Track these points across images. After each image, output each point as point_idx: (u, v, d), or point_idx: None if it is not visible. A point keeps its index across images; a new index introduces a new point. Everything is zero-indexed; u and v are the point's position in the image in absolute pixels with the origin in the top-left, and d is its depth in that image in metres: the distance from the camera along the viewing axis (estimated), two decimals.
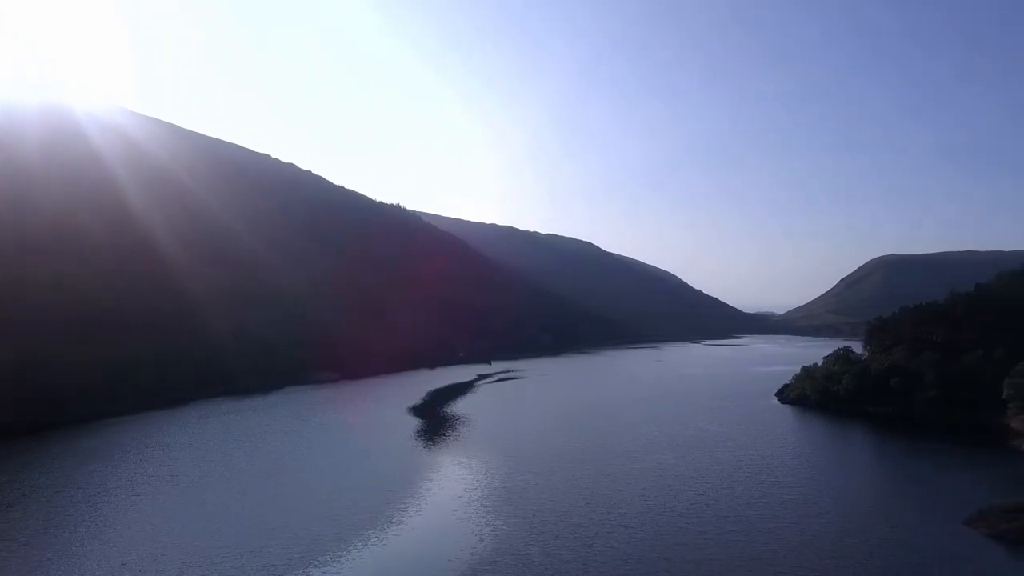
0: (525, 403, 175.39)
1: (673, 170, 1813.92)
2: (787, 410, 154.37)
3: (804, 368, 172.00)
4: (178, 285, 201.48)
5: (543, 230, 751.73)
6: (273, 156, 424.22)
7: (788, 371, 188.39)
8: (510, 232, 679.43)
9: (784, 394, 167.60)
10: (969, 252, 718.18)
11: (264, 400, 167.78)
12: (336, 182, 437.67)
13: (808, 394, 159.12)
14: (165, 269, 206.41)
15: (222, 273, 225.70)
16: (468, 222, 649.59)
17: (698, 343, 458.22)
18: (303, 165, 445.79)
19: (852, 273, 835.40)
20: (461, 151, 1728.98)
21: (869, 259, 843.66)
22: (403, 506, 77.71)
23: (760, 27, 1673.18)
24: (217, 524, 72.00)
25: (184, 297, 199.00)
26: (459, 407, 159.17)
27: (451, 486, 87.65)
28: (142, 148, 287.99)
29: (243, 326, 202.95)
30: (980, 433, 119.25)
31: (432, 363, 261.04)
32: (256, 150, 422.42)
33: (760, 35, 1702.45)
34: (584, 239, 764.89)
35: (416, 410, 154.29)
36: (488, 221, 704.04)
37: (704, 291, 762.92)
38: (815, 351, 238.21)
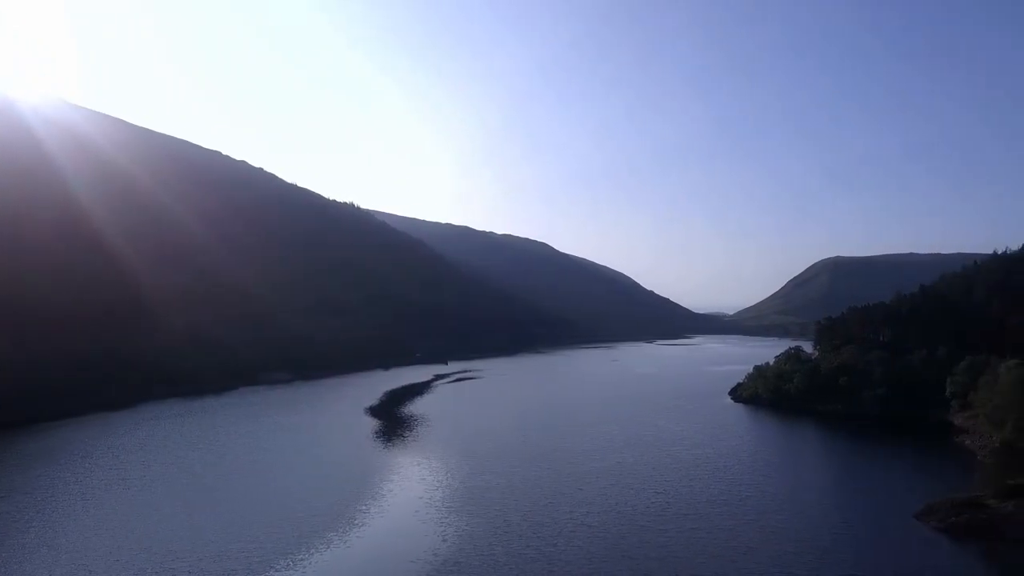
0: (483, 403, 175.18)
1: (626, 172, 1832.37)
2: (740, 408, 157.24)
3: (756, 367, 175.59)
4: (129, 283, 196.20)
5: (499, 230, 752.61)
6: (224, 153, 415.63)
7: (740, 370, 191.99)
8: (466, 232, 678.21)
9: (737, 393, 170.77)
10: (910, 255, 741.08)
11: (217, 401, 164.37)
12: (289, 180, 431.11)
13: (760, 393, 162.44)
14: (115, 267, 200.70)
15: (174, 271, 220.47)
16: (423, 221, 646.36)
17: (651, 343, 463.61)
18: (255, 163, 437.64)
19: (800, 275, 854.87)
20: (416, 151, 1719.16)
21: (816, 261, 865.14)
22: (364, 508, 76.94)
23: (718, 30, 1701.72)
24: (172, 528, 70.30)
25: (134, 295, 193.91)
26: (417, 407, 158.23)
27: (412, 487, 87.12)
28: (90, 143, 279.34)
29: (196, 325, 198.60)
30: (925, 429, 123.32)
31: (388, 363, 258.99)
32: (206, 147, 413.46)
33: (717, 38, 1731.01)
34: (539, 240, 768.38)
35: (373, 411, 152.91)
36: (444, 221, 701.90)
37: (656, 292, 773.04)
38: (765, 351, 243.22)
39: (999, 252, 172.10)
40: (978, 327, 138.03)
